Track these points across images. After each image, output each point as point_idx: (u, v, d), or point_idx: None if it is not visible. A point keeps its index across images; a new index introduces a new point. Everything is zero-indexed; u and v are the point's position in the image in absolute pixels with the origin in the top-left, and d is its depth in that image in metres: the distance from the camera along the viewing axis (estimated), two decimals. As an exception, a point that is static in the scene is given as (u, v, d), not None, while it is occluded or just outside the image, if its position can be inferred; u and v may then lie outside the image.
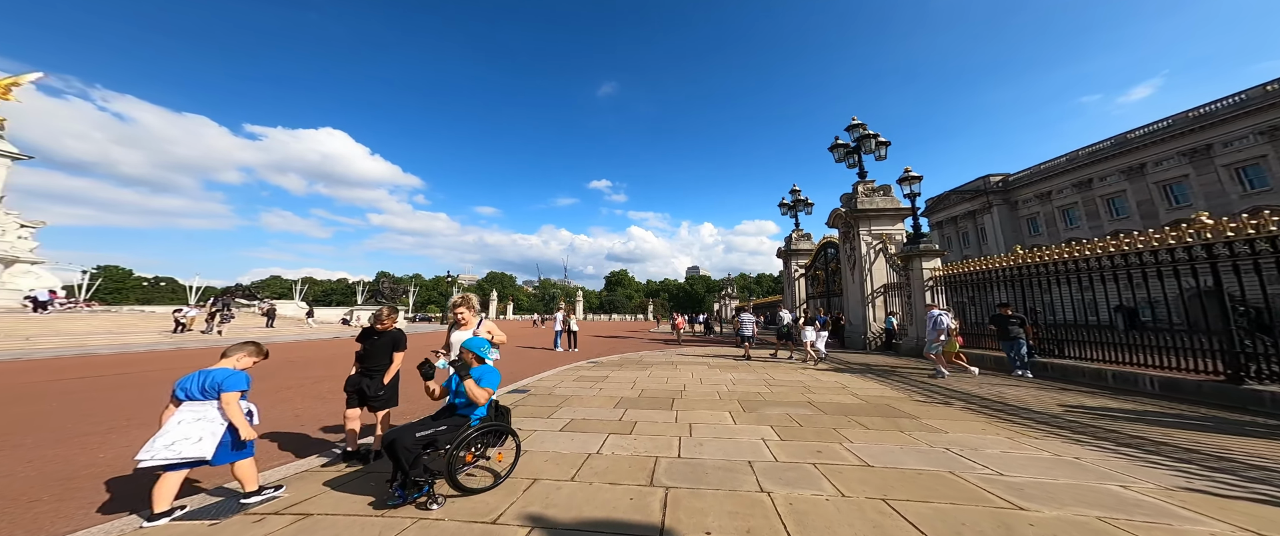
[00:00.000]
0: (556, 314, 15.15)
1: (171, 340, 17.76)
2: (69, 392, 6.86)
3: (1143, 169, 30.16)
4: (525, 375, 8.65)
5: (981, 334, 9.98)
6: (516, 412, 5.30)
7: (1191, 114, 27.66)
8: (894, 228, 14.13)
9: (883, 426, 4.63)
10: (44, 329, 17.59)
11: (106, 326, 20.08)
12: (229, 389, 2.73)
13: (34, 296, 21.62)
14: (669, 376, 8.26)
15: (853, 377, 7.93)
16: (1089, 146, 33.77)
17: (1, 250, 26.15)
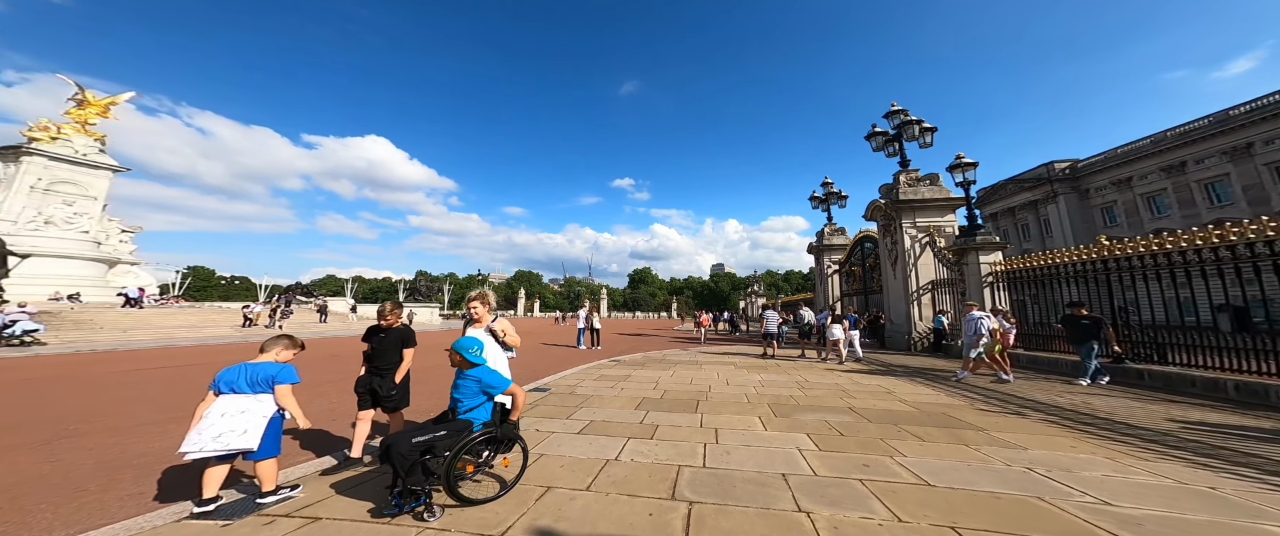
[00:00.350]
0: (579, 312, 15.09)
1: (240, 334, 19.50)
2: (145, 382, 7.50)
3: (1249, 149, 26.01)
4: (547, 373, 8.55)
5: (1049, 335, 8.79)
6: (535, 412, 5.13)
7: None
8: (943, 219, 12.87)
9: (942, 438, 4.02)
10: (140, 322, 19.85)
11: (190, 321, 22.40)
12: (284, 381, 2.78)
13: (126, 293, 24.50)
14: (693, 376, 7.86)
15: (898, 381, 7.16)
16: (1181, 126, 29.60)
17: (105, 252, 29.96)
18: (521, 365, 9.90)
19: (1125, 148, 32.99)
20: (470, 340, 3.01)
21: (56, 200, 27.68)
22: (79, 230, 28.29)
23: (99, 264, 29.03)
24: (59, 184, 27.86)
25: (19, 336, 13.33)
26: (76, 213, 28.27)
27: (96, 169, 29.30)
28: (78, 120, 29.79)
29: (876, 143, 14.78)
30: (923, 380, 7.36)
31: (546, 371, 8.83)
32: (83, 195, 28.70)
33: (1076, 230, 34.93)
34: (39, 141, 27.61)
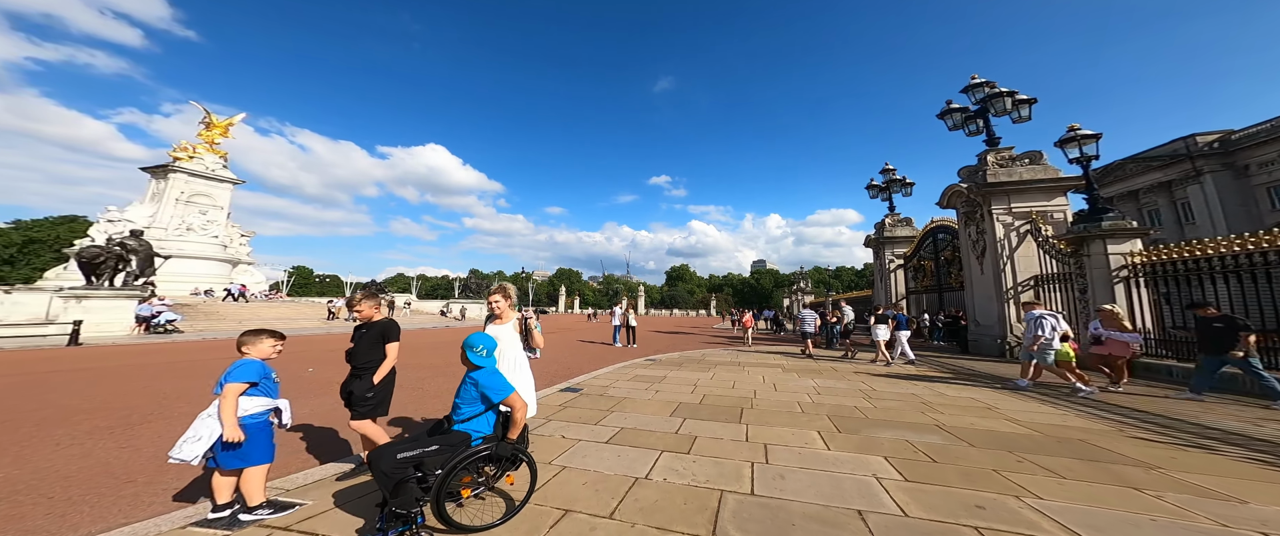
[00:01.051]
0: (615, 309, 14.76)
1: (324, 325, 22.00)
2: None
3: None
4: (580, 371, 8.23)
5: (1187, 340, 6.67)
6: (563, 415, 4.75)
7: None
8: (1050, 203, 10.65)
9: (1091, 476, 2.94)
10: (253, 314, 23.27)
11: (287, 314, 25.79)
12: (231, 380, 2.37)
13: (229, 288, 28.63)
14: (735, 379, 7.06)
15: (995, 394, 5.78)
16: None
17: (230, 254, 35.66)
18: (555, 363, 9.72)
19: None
20: (480, 337, 2.62)
21: (194, 210, 33.41)
22: (211, 235, 33.92)
23: (225, 264, 34.58)
24: (196, 196, 33.60)
25: (163, 325, 16.04)
26: (209, 220, 33.93)
27: (221, 182, 34.96)
28: (207, 140, 35.77)
29: (953, 120, 12.73)
30: (1031, 393, 5.89)
31: (580, 370, 8.53)
32: (213, 205, 34.38)
33: (1230, 215, 27.99)
34: (181, 160, 33.48)
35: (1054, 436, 3.79)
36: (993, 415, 4.60)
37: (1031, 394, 5.95)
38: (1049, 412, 4.71)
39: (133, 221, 29.02)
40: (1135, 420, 4.46)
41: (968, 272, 12.23)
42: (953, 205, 12.63)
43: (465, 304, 37.59)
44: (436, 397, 5.84)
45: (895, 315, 10.03)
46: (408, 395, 5.85)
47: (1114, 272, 8.07)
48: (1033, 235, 10.52)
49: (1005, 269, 10.78)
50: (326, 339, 15.17)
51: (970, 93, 12.12)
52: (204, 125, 36.21)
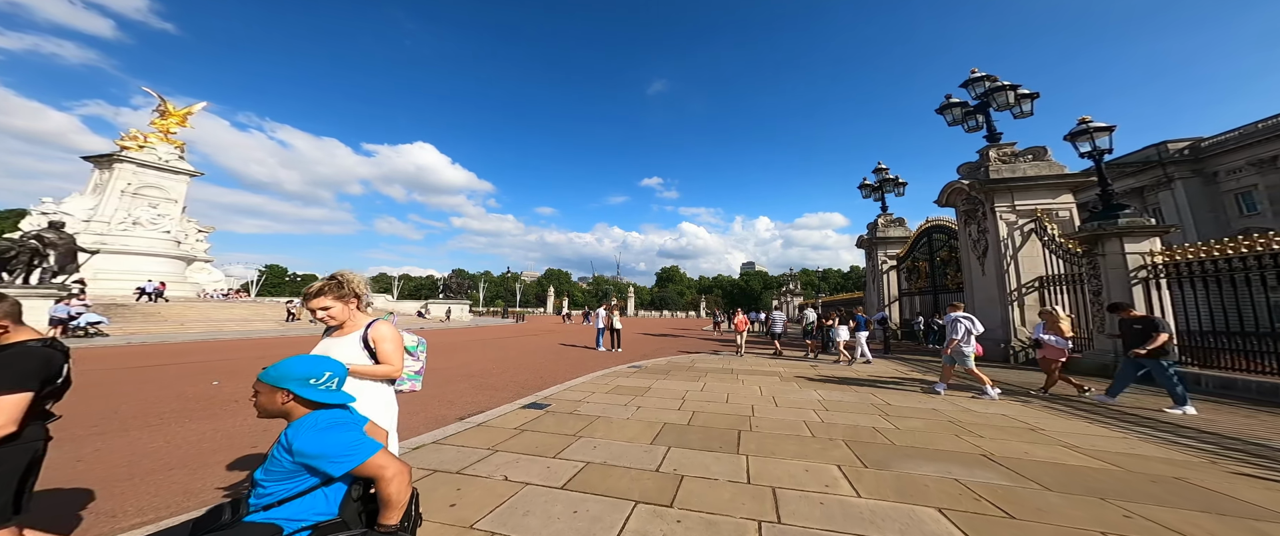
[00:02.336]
0: (598, 310, 13.74)
1: (282, 328, 20.24)
2: (142, 380, 7.04)
3: None
4: (553, 381, 7.21)
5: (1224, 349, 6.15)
6: (515, 445, 3.75)
7: None
8: (1055, 200, 10.17)
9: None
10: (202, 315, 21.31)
11: (244, 315, 23.84)
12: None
13: (143, 287, 24.63)
14: (729, 391, 6.16)
15: (1028, 409, 5.04)
16: None
17: (184, 250, 33.13)
18: (526, 370, 8.67)
19: (1272, 119, 26.82)
20: (298, 363, 1.48)
21: (143, 203, 30.87)
22: (161, 230, 31.39)
23: (178, 261, 32.06)
24: (146, 188, 31.08)
25: (83, 328, 14.22)
26: (160, 214, 31.41)
27: (176, 174, 32.47)
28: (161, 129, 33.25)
29: (952, 115, 12.25)
30: (1064, 407, 5.16)
31: (553, 379, 7.50)
32: (165, 198, 31.87)
33: (1200, 221, 28.83)
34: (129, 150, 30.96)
35: (1141, 472, 2.98)
36: (1044, 440, 3.79)
37: (1058, 407, 5.22)
38: (1107, 436, 3.93)
39: (72, 214, 26.54)
40: (1213, 446, 3.71)
41: (967, 273, 11.70)
42: (952, 203, 12.11)
43: (452, 304, 35.98)
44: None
45: (855, 317, 10.61)
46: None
47: (1132, 273, 7.51)
48: (1038, 234, 10.02)
49: (1009, 270, 10.24)
50: (275, 344, 13.69)
51: (970, 87, 11.64)
52: (158, 113, 33.68)
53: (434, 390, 6.40)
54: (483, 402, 5.67)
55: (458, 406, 5.46)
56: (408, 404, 5.49)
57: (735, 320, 12.79)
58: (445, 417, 4.84)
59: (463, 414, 4.94)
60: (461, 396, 6.08)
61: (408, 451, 3.48)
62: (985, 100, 11.36)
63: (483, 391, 6.48)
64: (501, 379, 7.63)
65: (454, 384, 7.07)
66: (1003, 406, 5.26)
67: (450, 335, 19.65)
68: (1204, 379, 6.34)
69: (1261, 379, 5.70)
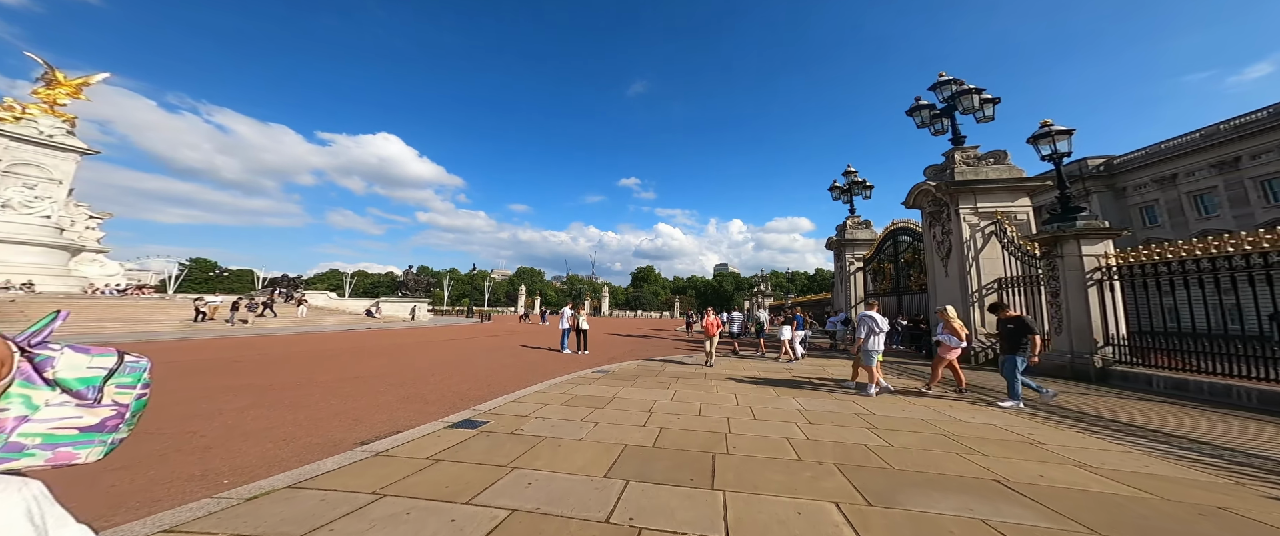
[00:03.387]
0: (564, 310, 12.74)
1: (187, 329, 17.37)
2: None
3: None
4: (501, 390, 6.21)
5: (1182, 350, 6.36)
6: (423, 481, 2.82)
7: None
8: (1014, 204, 10.46)
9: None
10: (81, 315, 17.83)
11: (140, 314, 20.32)
12: None
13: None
14: (702, 400, 5.49)
15: (1012, 417, 4.75)
16: (1235, 118, 27.10)
17: (68, 239, 28.07)
18: (472, 378, 7.56)
19: (1171, 142, 30.46)
20: None
21: (16, 183, 25.85)
22: (39, 215, 26.43)
23: (59, 251, 27.11)
24: (20, 166, 26.03)
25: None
26: (37, 196, 26.43)
27: (61, 150, 27.47)
28: (46, 100, 28.04)
29: (921, 117, 12.42)
30: (1046, 414, 4.94)
31: (502, 387, 6.49)
32: (45, 178, 26.86)
33: (1114, 232, 32.27)
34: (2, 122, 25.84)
35: (1180, 501, 2.55)
36: (1051, 458, 3.38)
37: (1040, 413, 4.99)
38: (1109, 449, 3.60)
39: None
40: (1218, 459, 3.46)
41: (931, 274, 11.89)
42: (918, 205, 12.29)
43: (414, 303, 33.20)
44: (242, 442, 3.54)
45: (794, 317, 11.19)
46: (188, 432, 3.49)
47: (1088, 274, 7.68)
48: (998, 236, 10.25)
49: (971, 271, 10.42)
50: (161, 349, 11.49)
51: (938, 90, 11.83)
52: (43, 82, 28.33)
53: (342, 404, 5.22)
54: (401, 420, 4.61)
55: (364, 426, 4.37)
56: (292, 420, 4.32)
57: (705, 321, 10.04)
58: (339, 443, 3.77)
59: (366, 437, 3.88)
60: (376, 411, 4.96)
61: (235, 504, 2.43)
62: (952, 103, 11.56)
63: (408, 405, 5.38)
64: (438, 388, 6.51)
65: (375, 394, 5.89)
66: (987, 415, 4.95)
67: (400, 335, 17.77)
68: (1156, 380, 6.49)
69: (1212, 380, 5.84)
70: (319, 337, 15.70)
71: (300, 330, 18.82)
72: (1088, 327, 7.54)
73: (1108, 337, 7.41)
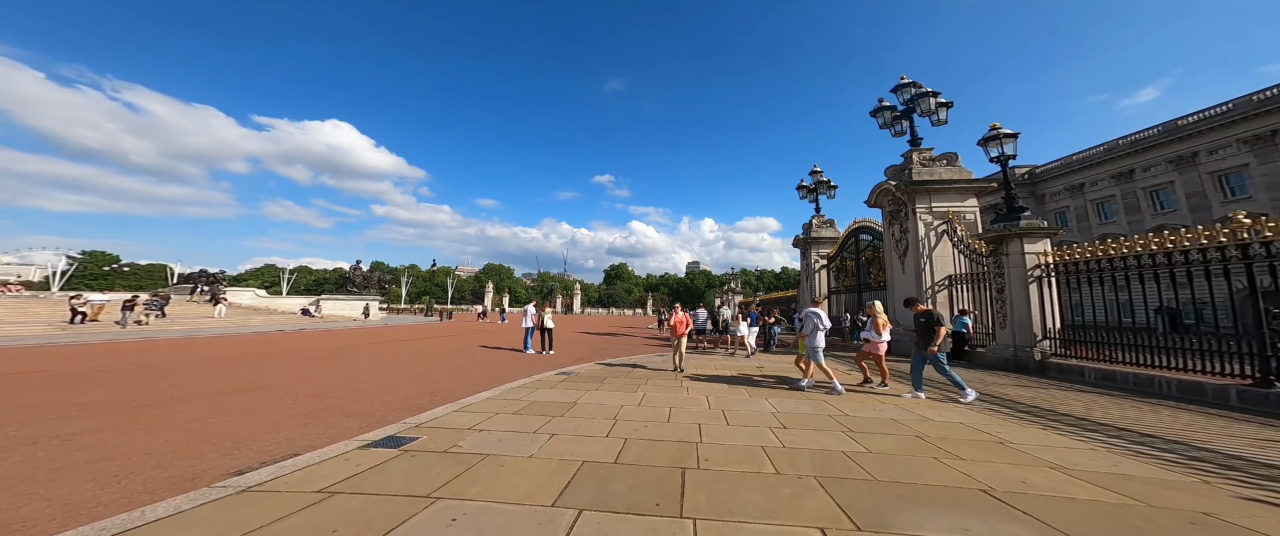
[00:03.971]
0: (527, 308, 11.91)
1: (58, 333, 14.45)
2: None
3: (1195, 158, 27.28)
4: (447, 397, 5.45)
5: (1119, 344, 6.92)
6: (297, 529, 2.13)
7: (1256, 98, 24.77)
8: (963, 204, 11.02)
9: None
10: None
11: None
12: None
13: None
14: (672, 405, 5.08)
15: (974, 413, 4.78)
16: (1131, 134, 30.97)
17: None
18: (415, 382, 6.69)
19: (1080, 155, 34.34)
20: None
21: None
22: None
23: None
24: None
25: None
26: None
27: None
28: None
29: (883, 118, 12.82)
30: (1005, 410, 5.02)
31: (449, 394, 5.72)
32: None
33: (1035, 236, 36.05)
34: None
35: (1165, 507, 2.45)
36: (1026, 460, 3.28)
37: (1004, 410, 5.08)
38: (1074, 447, 3.58)
39: None
40: (1173, 454, 3.53)
41: (890, 272, 12.36)
42: (879, 204, 12.70)
43: (367, 301, 30.19)
44: (48, 480, 2.59)
45: (750, 314, 11.72)
46: None
47: (1030, 272, 8.16)
48: (949, 235, 10.76)
49: (925, 268, 10.88)
50: (18, 357, 9.40)
51: (899, 92, 12.23)
52: None
53: (225, 423, 4.27)
54: (304, 439, 3.78)
55: (246, 450, 3.51)
56: (141, 448, 3.23)
57: (673, 319, 8.51)
58: (201, 475, 2.95)
59: (244, 465, 3.07)
60: (271, 430, 4.07)
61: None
62: (911, 106, 11.99)
63: (319, 420, 4.50)
64: (368, 397, 5.62)
65: (278, 408, 4.93)
66: (953, 412, 4.94)
67: (340, 337, 15.97)
68: (1087, 371, 6.97)
69: (1137, 370, 6.31)
70: (232, 341, 13.68)
71: (214, 332, 16.39)
72: (1028, 322, 8.00)
73: (1046, 331, 7.91)
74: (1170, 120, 28.46)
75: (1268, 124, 24.14)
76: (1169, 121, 28.54)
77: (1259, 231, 5.23)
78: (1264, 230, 5.20)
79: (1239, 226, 5.44)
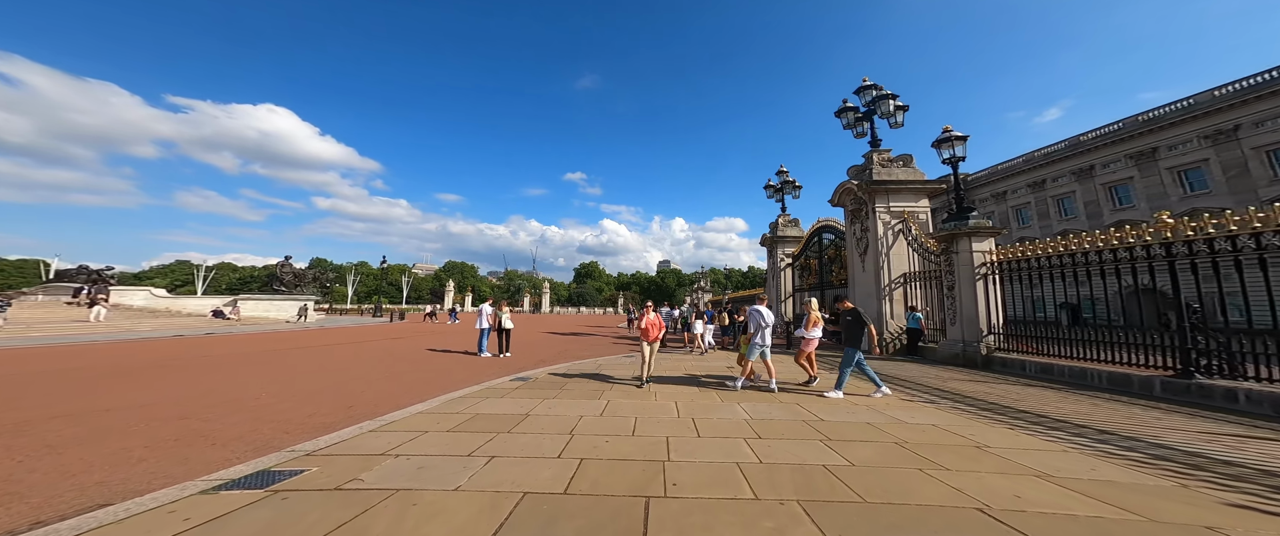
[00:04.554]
0: (483, 307, 10.86)
1: None
2: None
3: (1092, 171, 31.12)
4: (367, 414, 4.53)
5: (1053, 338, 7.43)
6: None
7: (1141, 118, 28.62)
8: (917, 205, 11.48)
9: None
10: None
11: None
12: None
13: None
14: (637, 415, 4.55)
15: (940, 413, 4.72)
16: (1045, 147, 34.82)
17: None
18: (333, 394, 5.63)
19: (1005, 164, 38.17)
20: None
21: None
22: None
23: None
24: None
25: None
26: None
27: None
28: None
29: (847, 119, 13.11)
30: (972, 409, 5.02)
31: (369, 409, 4.79)
32: None
33: (967, 239, 39.82)
34: None
35: (1168, 522, 2.27)
36: (1011, 468, 3.09)
37: (967, 410, 5.08)
38: (1056, 453, 3.47)
39: None
40: (1140, 454, 3.53)
41: (851, 270, 12.69)
42: (842, 203, 12.99)
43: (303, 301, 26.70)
44: None
45: (704, 312, 12.13)
46: None
47: (977, 269, 8.54)
48: (903, 234, 11.17)
49: (883, 266, 11.22)
50: None
51: (861, 94, 12.53)
52: None
53: (42, 459, 3.15)
54: (136, 479, 2.83)
55: (24, 504, 2.50)
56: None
57: (644, 321, 6.91)
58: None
59: (19, 525, 2.12)
60: (98, 466, 3.05)
61: None
62: (872, 108, 12.32)
63: (173, 448, 3.48)
64: (257, 417, 4.55)
65: (126, 435, 3.80)
66: (923, 413, 4.84)
67: (253, 342, 13.83)
68: (1027, 364, 7.36)
69: (1071, 363, 6.70)
70: (104, 350, 11.32)
71: (81, 340, 13.60)
72: (976, 318, 8.38)
73: (990, 327, 8.31)
74: (1074, 136, 32.35)
75: (1149, 142, 27.97)
76: (1073, 137, 32.43)
77: (1183, 233, 5.65)
78: (1186, 231, 5.62)
79: (1163, 227, 5.88)
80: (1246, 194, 22.43)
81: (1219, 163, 24.56)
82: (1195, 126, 25.54)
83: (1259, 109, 23.28)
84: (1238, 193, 23.03)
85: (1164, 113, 26.87)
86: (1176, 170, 26.44)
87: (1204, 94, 25.38)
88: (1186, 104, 25.96)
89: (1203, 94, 25.45)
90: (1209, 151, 25.01)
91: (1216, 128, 24.58)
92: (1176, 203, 25.67)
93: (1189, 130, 25.76)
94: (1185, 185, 26.22)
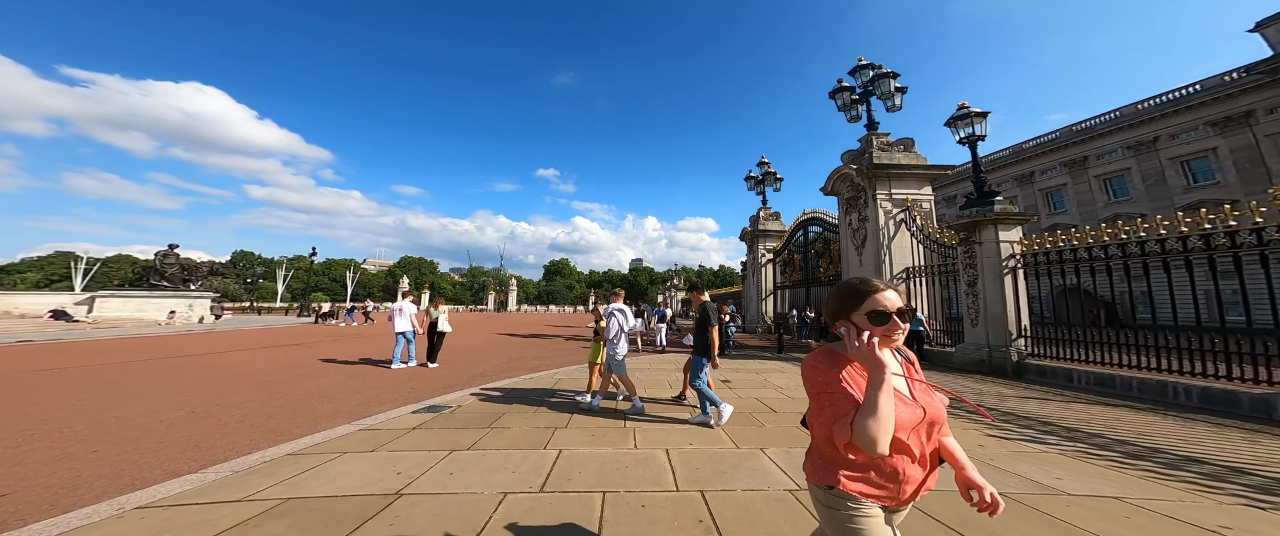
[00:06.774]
0: (398, 304, 8.36)
1: None
2: None
3: (1031, 177, 32.61)
4: (112, 486, 2.22)
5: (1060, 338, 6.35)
6: None
7: (1074, 128, 30.08)
8: (920, 191, 10.43)
9: None
10: None
11: None
12: None
13: None
14: (604, 477, 2.60)
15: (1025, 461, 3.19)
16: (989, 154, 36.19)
17: None
18: (89, 449, 3.17)
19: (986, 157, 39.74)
20: None
21: None
22: None
23: None
24: None
25: None
26: None
27: None
28: None
29: (842, 100, 11.94)
30: (1068, 443, 3.56)
31: (111, 478, 2.41)
32: None
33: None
34: None
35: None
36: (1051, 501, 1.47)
37: (1079, 453, 3.61)
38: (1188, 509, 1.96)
39: None
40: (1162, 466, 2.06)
41: (846, 263, 11.48)
42: (837, 190, 11.79)
43: (194, 299, 21.92)
44: None
45: (658, 311, 12.56)
46: None
47: (1004, 262, 7.41)
48: (907, 224, 10.07)
49: (885, 259, 10.05)
50: None
51: (857, 75, 11.41)
52: None
53: None
54: None
55: None
56: None
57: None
58: None
59: None
60: None
61: None
62: (869, 88, 11.21)
63: None
64: None
65: None
66: (1050, 466, 3.27)
67: (86, 352, 10.30)
68: (1076, 374, 6.18)
69: (1141, 375, 5.56)
70: None
71: None
72: (1003, 318, 7.23)
73: (1020, 329, 7.20)
74: (1016, 144, 33.78)
75: (1080, 151, 29.13)
76: (1016, 144, 33.92)
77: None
78: None
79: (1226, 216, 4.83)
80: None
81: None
82: (1120, 138, 26.70)
83: None
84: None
85: (1094, 124, 28.09)
86: (1103, 178, 27.18)
87: (1129, 108, 26.59)
88: (1115, 116, 27.28)
89: (1128, 108, 26.65)
90: (1131, 161, 26.21)
91: (1137, 139, 25.75)
92: (1102, 209, 26.68)
93: (1114, 141, 26.80)
94: (1109, 192, 26.73)
